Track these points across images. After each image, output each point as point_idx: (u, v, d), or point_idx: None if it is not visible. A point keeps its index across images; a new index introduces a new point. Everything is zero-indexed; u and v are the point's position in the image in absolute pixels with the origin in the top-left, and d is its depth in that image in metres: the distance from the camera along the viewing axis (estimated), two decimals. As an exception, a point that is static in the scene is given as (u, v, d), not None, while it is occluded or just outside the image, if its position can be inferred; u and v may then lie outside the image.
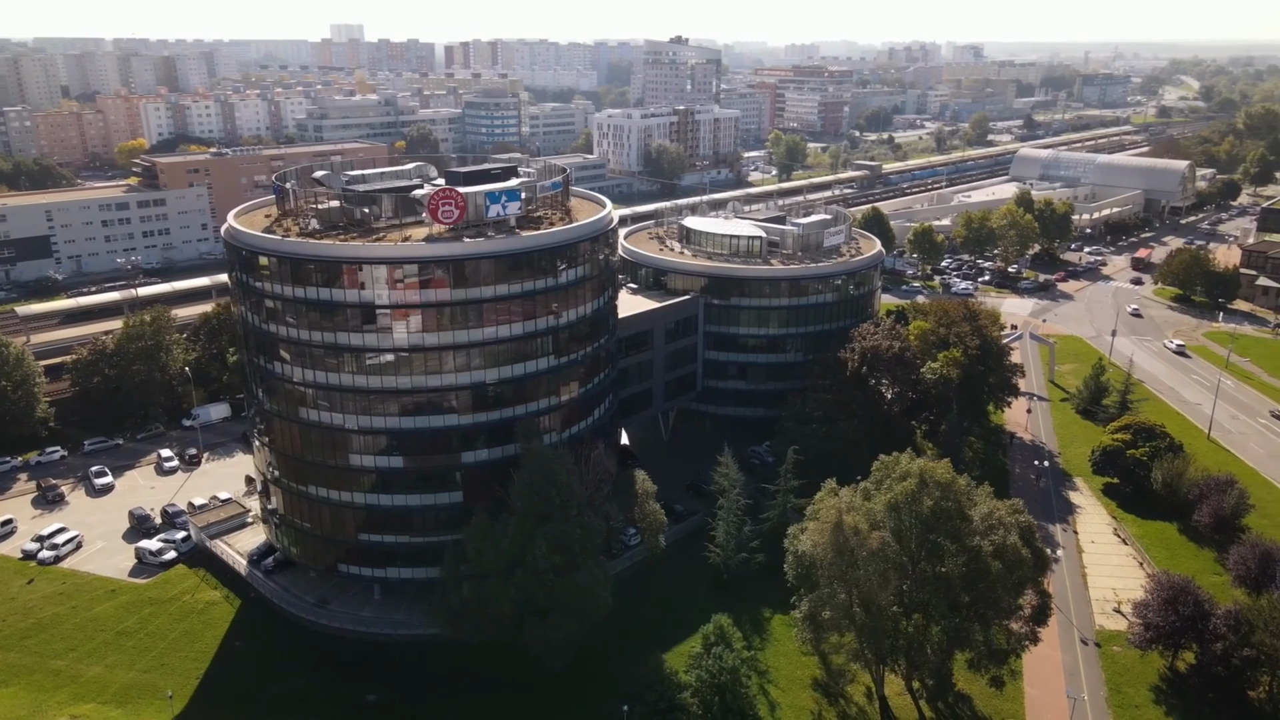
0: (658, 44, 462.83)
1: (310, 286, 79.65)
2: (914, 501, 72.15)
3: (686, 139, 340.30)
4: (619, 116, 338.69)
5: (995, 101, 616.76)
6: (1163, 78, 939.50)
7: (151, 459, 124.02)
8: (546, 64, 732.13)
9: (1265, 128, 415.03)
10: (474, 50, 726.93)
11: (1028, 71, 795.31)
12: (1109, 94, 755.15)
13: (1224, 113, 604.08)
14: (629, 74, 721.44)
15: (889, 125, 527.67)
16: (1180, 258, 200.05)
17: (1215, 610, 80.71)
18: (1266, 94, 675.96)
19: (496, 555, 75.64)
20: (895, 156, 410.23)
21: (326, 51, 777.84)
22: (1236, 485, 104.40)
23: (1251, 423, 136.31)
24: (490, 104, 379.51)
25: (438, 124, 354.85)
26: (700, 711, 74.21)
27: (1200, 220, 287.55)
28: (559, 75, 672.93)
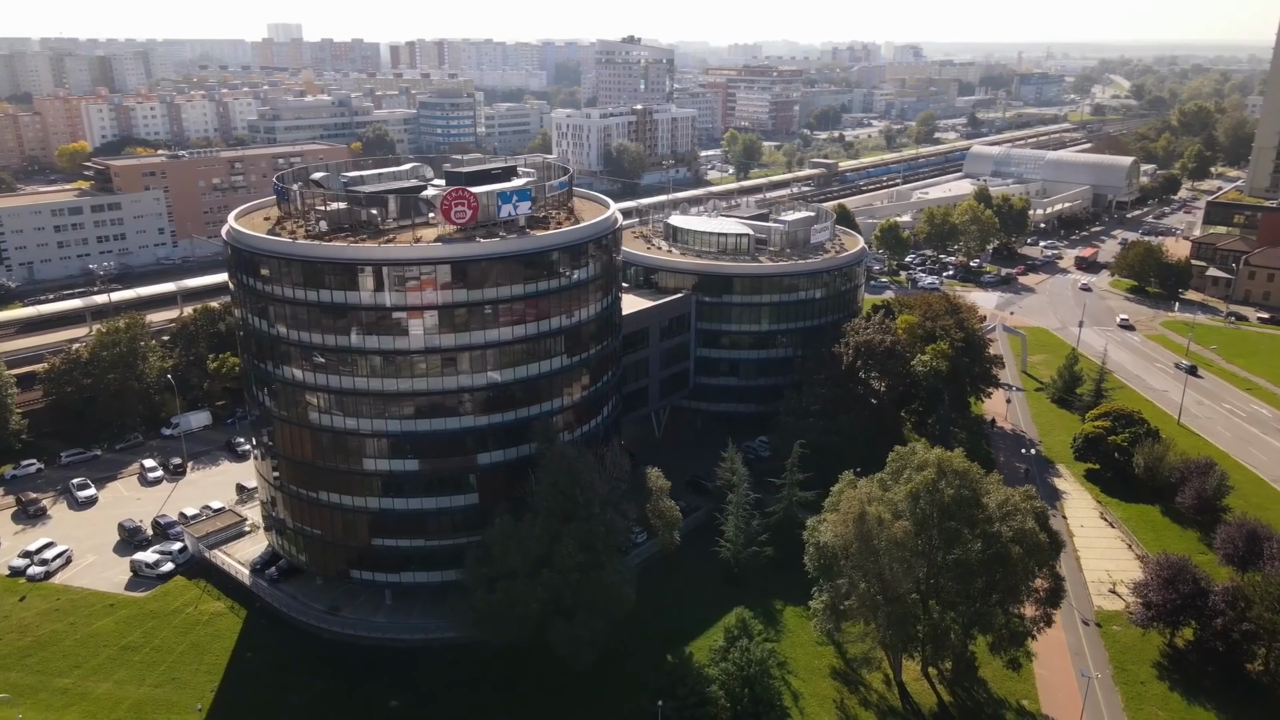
0: (610, 44, 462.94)
1: (325, 289, 78.55)
2: (934, 490, 73.91)
3: (645, 138, 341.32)
4: (578, 116, 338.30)
5: (938, 100, 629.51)
6: (1094, 77, 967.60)
7: (134, 469, 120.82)
8: (494, 64, 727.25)
9: (1198, 125, 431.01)
10: (420, 50, 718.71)
11: (967, 71, 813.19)
12: (1045, 92, 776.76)
13: (1155, 110, 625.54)
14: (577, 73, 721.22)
15: (838, 124, 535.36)
16: (1135, 250, 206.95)
17: (1213, 588, 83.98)
18: (1194, 92, 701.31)
19: (522, 556, 75.48)
20: (848, 154, 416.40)
21: (268, 51, 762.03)
22: (1216, 468, 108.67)
23: (1217, 408, 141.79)
24: (445, 104, 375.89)
25: (393, 125, 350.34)
26: (729, 704, 75.06)
27: (1145, 214, 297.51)
28: (507, 75, 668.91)
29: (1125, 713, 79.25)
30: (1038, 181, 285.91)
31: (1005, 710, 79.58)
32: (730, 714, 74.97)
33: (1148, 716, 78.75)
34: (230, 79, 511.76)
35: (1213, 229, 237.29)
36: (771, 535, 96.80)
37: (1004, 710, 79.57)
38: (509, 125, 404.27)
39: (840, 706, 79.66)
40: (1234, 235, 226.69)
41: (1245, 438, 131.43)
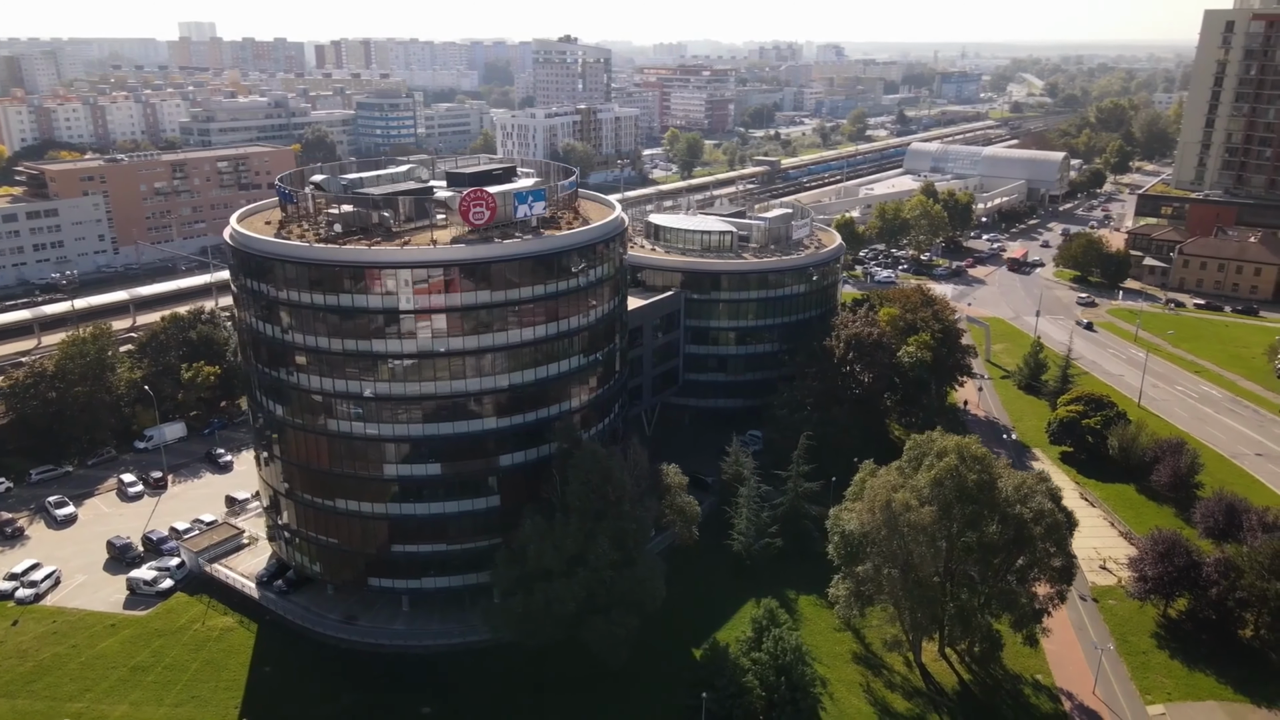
0: (547, 43, 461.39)
1: (345, 294, 77.28)
2: (957, 475, 76.43)
3: (589, 138, 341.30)
4: (522, 116, 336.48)
5: (865, 99, 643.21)
6: (1008, 75, 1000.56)
7: (111, 485, 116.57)
8: (423, 64, 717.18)
9: (1114, 121, 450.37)
10: (346, 50, 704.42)
11: (890, 70, 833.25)
12: (964, 90, 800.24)
13: (1070, 107, 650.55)
14: (508, 73, 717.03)
15: (771, 122, 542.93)
16: (1078, 242, 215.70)
17: (1205, 560, 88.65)
18: (1103, 90, 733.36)
19: (557, 555, 75.51)
20: (785, 152, 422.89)
21: (184, 50, 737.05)
22: (1187, 447, 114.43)
23: (1171, 390, 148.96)
24: (384, 105, 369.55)
25: (331, 126, 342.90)
26: (763, 693, 76.33)
27: (1075, 207, 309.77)
28: (438, 75, 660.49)
29: (1133, 681, 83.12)
30: (975, 177, 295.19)
31: (1022, 685, 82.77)
32: (764, 703, 76.29)
33: (1154, 684, 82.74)
34: (151, 79, 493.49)
35: (1144, 220, 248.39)
36: (780, 527, 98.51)
37: (1021, 685, 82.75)
38: (449, 126, 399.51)
39: (867, 690, 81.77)
40: (1163, 226, 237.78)
41: (1201, 417, 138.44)
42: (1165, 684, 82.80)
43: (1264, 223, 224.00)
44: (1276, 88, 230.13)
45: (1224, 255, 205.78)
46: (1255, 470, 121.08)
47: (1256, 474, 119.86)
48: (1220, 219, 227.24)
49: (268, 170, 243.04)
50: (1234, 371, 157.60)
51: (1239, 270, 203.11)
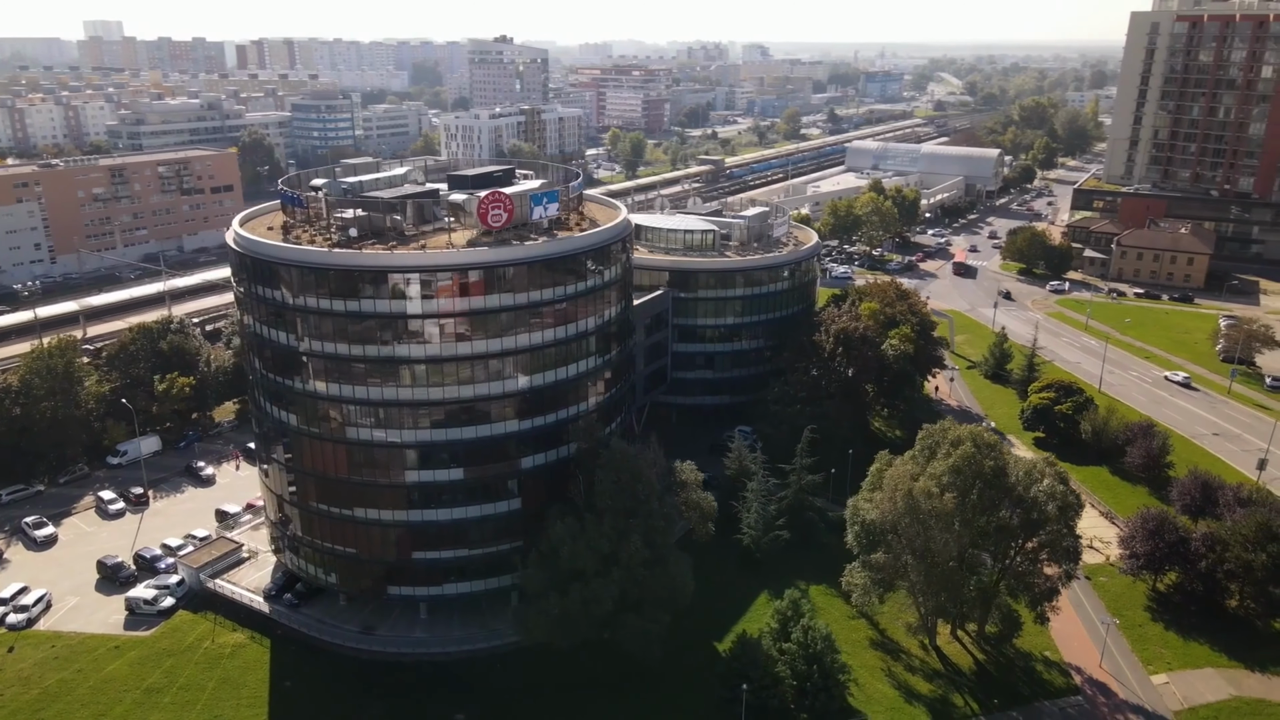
0: (483, 43, 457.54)
1: (365, 299, 76.17)
2: (974, 463, 79.16)
3: (534, 138, 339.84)
4: (466, 117, 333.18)
5: (795, 98, 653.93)
6: (927, 74, 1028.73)
7: (88, 503, 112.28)
8: (350, 64, 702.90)
9: (1037, 119, 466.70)
10: (269, 49, 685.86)
11: (816, 70, 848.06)
12: (888, 90, 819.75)
13: (990, 106, 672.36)
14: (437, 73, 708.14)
15: (706, 121, 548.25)
16: (1023, 235, 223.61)
17: (1192, 535, 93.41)
18: (1019, 89, 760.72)
19: (591, 555, 75.75)
20: (725, 151, 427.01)
21: (95, 50, 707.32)
22: (1156, 429, 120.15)
23: (1126, 375, 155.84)
24: (321, 106, 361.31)
25: (267, 128, 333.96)
26: (794, 682, 77.88)
27: (1009, 202, 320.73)
28: (366, 76, 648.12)
29: (1134, 653, 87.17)
30: (915, 174, 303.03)
31: (1033, 662, 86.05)
32: (796, 691, 77.86)
33: (1154, 655, 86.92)
34: (66, 80, 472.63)
35: (1079, 214, 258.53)
36: (786, 519, 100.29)
37: (1032, 662, 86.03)
38: (387, 127, 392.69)
39: (888, 674, 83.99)
40: (1098, 219, 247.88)
41: (1157, 401, 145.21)
42: (1164, 654, 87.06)
43: (1190, 215, 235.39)
44: (1200, 86, 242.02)
45: (1159, 246, 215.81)
46: (1215, 450, 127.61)
47: (1217, 453, 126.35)
48: (1150, 211, 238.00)
49: (210, 175, 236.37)
50: (1180, 356, 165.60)
51: (1173, 260, 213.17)
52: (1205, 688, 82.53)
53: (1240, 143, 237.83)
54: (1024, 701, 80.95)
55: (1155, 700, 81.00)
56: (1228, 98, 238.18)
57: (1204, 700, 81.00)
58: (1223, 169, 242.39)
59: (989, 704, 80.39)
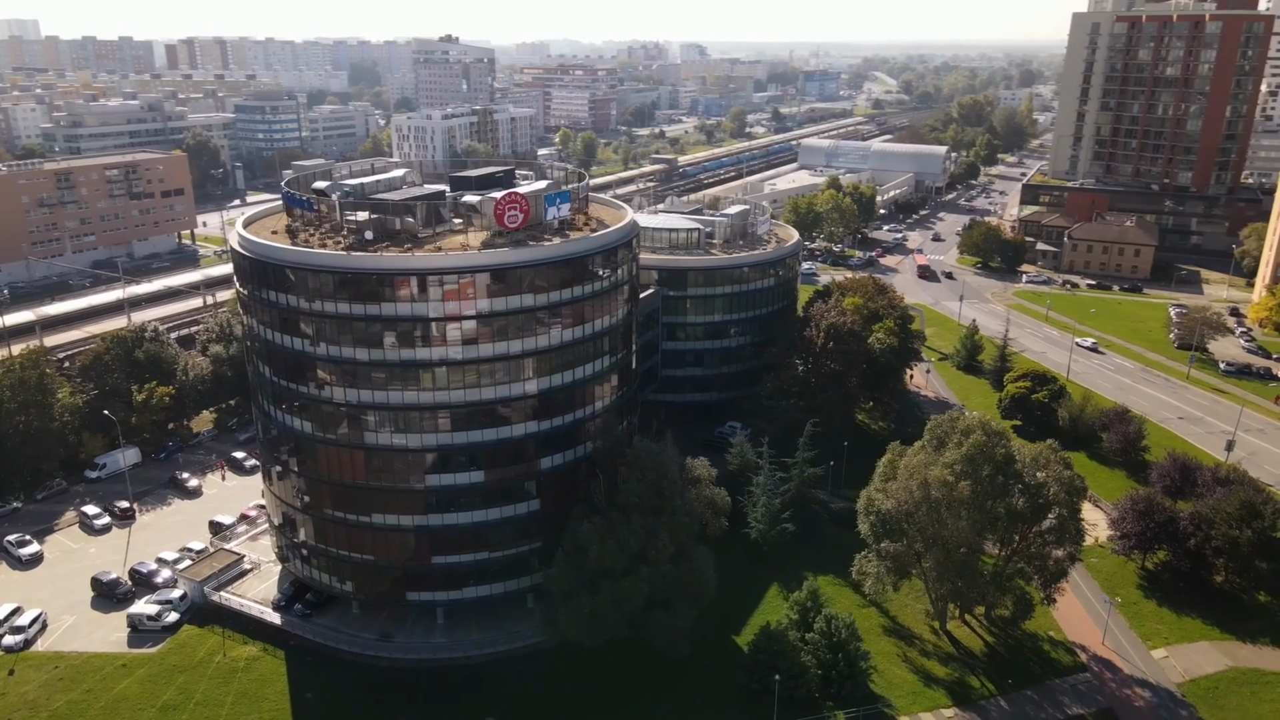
0: (428, 43, 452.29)
1: (386, 302, 75.29)
2: (986, 451, 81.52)
3: (486, 138, 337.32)
4: (418, 118, 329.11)
5: (738, 97, 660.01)
6: (862, 73, 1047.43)
7: (71, 519, 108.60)
8: (285, 64, 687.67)
9: (975, 117, 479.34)
10: (200, 49, 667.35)
11: (755, 69, 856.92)
12: (825, 88, 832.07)
13: (925, 104, 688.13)
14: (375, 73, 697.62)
15: (652, 120, 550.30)
16: (978, 230, 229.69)
17: (1180, 515, 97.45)
18: (952, 87, 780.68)
19: (620, 553, 76.05)
20: (674, 150, 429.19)
21: (15, 50, 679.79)
22: (1131, 415, 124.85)
23: (1089, 363, 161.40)
24: (265, 107, 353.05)
25: (211, 129, 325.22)
26: (819, 671, 79.35)
27: (957, 198, 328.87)
28: (304, 76, 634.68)
29: (1132, 630, 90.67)
30: (866, 171, 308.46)
31: (1040, 642, 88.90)
32: (820, 680, 79.32)
33: (1152, 631, 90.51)
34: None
35: (1027, 208, 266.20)
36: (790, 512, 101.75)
37: (1039, 643, 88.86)
38: (334, 128, 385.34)
39: (904, 659, 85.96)
40: (1047, 213, 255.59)
41: (1122, 388, 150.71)
42: (1161, 630, 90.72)
43: (1133, 208, 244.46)
44: (1139, 84, 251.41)
45: (1108, 239, 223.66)
46: (1182, 433, 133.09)
47: (1185, 436, 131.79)
48: (1095, 205, 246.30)
49: (160, 178, 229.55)
50: (1138, 344, 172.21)
51: (1121, 252, 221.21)
52: (1203, 660, 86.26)
53: (1178, 138, 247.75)
54: (1037, 680, 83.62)
55: (1158, 674, 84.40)
56: (1166, 95, 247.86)
57: (1203, 672, 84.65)
58: (1162, 164, 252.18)
59: (1004, 684, 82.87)
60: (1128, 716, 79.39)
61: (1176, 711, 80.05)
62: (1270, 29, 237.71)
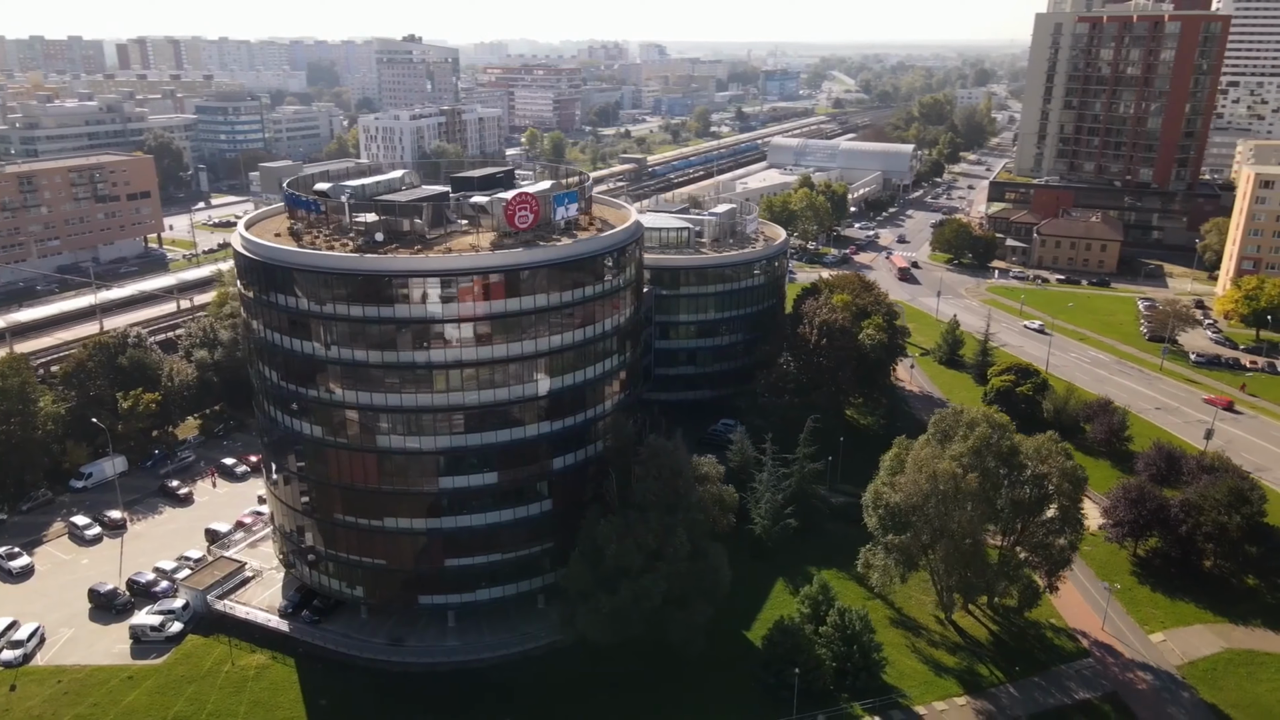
0: (391, 42, 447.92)
1: (400, 304, 74.80)
2: (992, 443, 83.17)
3: (455, 138, 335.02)
4: (386, 118, 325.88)
5: (700, 96, 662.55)
6: (821, 73, 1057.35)
7: (59, 530, 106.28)
8: (241, 64, 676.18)
9: (936, 115, 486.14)
10: (153, 48, 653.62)
11: (716, 68, 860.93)
12: (786, 88, 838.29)
13: (885, 103, 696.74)
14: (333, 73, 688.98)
15: (616, 120, 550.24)
16: (950, 227, 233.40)
17: (1171, 502, 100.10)
18: (910, 86, 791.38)
19: (637, 552, 76.28)
20: (641, 150, 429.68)
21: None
22: (1114, 406, 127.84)
23: (1065, 356, 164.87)
24: (228, 108, 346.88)
25: (173, 131, 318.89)
26: (834, 663, 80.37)
27: (923, 195, 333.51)
28: (261, 76, 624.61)
29: (1130, 615, 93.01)
30: (835, 169, 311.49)
31: (1042, 630, 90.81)
32: (835, 672, 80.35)
33: (1148, 616, 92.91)
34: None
35: (995, 205, 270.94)
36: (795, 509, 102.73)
37: (1041, 630, 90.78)
38: (298, 129, 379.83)
39: (914, 650, 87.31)
40: (1011, 209, 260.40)
41: (1099, 380, 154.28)
42: (1157, 614, 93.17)
43: (1097, 204, 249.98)
44: (1101, 83, 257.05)
45: (1075, 234, 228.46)
46: (1160, 423, 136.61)
47: (1163, 425, 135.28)
48: (1060, 202, 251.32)
49: (126, 180, 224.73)
50: (1110, 337, 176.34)
51: (1088, 247, 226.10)
52: (1199, 643, 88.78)
53: (1139, 136, 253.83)
54: (1042, 667, 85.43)
55: (1158, 658, 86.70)
56: (1127, 94, 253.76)
57: (1200, 654, 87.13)
58: (1124, 161, 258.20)
59: (1012, 671, 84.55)
60: (1132, 700, 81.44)
61: (1178, 694, 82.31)
62: (1227, 29, 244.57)
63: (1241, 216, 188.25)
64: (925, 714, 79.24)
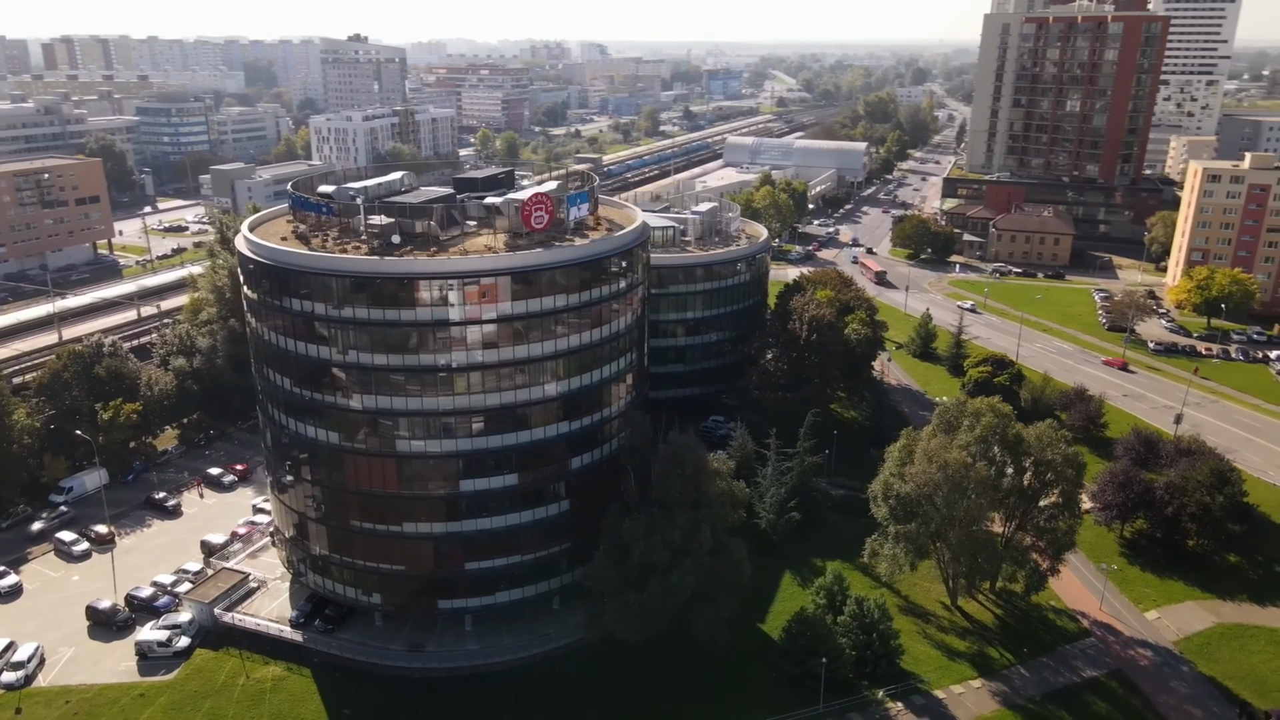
0: (336, 42, 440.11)
1: (422, 307, 74.15)
2: (998, 432, 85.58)
3: (408, 139, 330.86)
4: (339, 119, 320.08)
5: (647, 96, 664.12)
6: (762, 72, 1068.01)
7: (44, 546, 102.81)
8: (174, 64, 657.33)
9: (881, 114, 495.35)
10: (80, 48, 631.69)
11: (660, 68, 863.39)
12: (729, 87, 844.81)
13: (827, 101, 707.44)
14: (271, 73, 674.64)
15: (564, 120, 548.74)
16: (910, 222, 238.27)
17: (1155, 486, 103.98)
18: (850, 85, 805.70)
19: (664, 548, 76.75)
20: (593, 150, 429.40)
21: None
22: (1088, 393, 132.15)
23: (1032, 347, 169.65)
24: (171, 109, 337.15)
25: (115, 133, 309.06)
26: (853, 652, 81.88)
27: (876, 192, 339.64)
28: (198, 77, 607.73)
29: (1123, 594, 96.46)
30: (790, 167, 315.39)
31: (1044, 612, 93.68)
32: (855, 660, 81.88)
33: (1141, 595, 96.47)
34: None
35: (948, 201, 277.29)
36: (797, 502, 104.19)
37: (1044, 612, 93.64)
38: (243, 131, 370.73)
39: (924, 636, 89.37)
40: (964, 204, 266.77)
41: (1067, 369, 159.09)
42: (1149, 593, 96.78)
43: (1046, 199, 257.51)
44: (1048, 82, 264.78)
45: (1029, 229, 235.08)
46: (1130, 409, 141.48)
47: (1133, 411, 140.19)
48: (1012, 197, 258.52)
49: (74, 185, 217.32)
50: (1072, 327, 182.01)
51: (1042, 241, 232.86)
52: (1192, 619, 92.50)
53: (1086, 133, 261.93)
54: (1049, 648, 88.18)
55: (1155, 634, 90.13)
56: (1073, 92, 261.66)
57: (1194, 630, 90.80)
58: (1071, 157, 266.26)
59: (1020, 653, 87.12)
60: (1136, 675, 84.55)
61: (1178, 668, 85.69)
62: (1166, 29, 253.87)
63: (1190, 210, 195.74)
64: (944, 698, 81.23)
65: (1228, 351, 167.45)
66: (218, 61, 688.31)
